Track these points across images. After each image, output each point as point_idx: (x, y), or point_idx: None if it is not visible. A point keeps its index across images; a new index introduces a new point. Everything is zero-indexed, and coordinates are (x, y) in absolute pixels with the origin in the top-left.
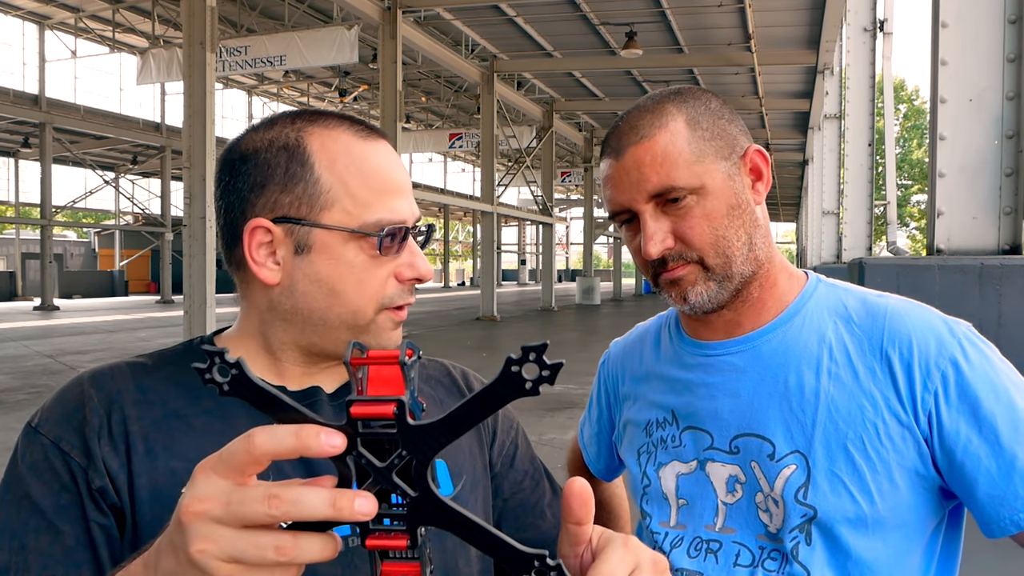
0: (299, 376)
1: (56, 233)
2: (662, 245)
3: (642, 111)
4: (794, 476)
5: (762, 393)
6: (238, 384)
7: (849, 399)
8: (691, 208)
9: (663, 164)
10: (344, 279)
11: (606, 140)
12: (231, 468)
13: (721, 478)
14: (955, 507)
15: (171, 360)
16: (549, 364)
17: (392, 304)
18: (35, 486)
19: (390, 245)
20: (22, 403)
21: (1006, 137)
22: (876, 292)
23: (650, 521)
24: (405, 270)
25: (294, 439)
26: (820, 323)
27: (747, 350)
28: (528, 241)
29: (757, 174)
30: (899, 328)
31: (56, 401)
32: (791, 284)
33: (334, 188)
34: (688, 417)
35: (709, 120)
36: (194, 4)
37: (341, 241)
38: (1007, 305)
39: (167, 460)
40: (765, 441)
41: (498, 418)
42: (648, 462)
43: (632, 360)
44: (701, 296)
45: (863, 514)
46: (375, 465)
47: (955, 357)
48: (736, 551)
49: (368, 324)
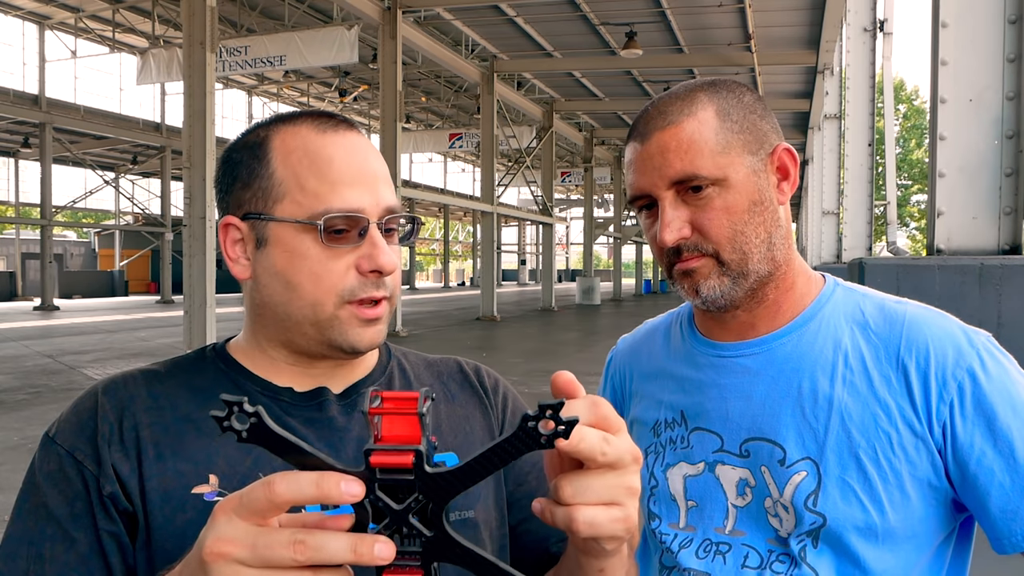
0: (299, 376)
1: (56, 233)
2: (678, 233)
3: (673, 98)
4: (804, 483)
5: (775, 397)
6: (257, 431)
7: (863, 407)
8: (712, 199)
9: (688, 151)
10: (298, 271)
11: (634, 124)
12: (252, 512)
13: (731, 481)
14: (966, 520)
15: (184, 367)
16: (564, 420)
17: (353, 297)
18: (51, 495)
19: (339, 236)
20: (22, 403)
21: (1006, 137)
22: (895, 298)
23: (659, 523)
24: (364, 261)
25: (315, 489)
26: (836, 329)
27: (761, 353)
28: (528, 241)
29: (784, 173)
30: (917, 336)
31: (72, 412)
32: (808, 287)
33: (286, 181)
34: (697, 418)
35: (740, 113)
36: (194, 4)
37: (293, 233)
38: (1007, 305)
39: (176, 462)
40: (776, 446)
41: (508, 410)
42: (656, 462)
43: (640, 357)
44: (714, 290)
45: (873, 524)
46: (392, 508)
47: (972, 368)
48: (745, 553)
49: (330, 319)
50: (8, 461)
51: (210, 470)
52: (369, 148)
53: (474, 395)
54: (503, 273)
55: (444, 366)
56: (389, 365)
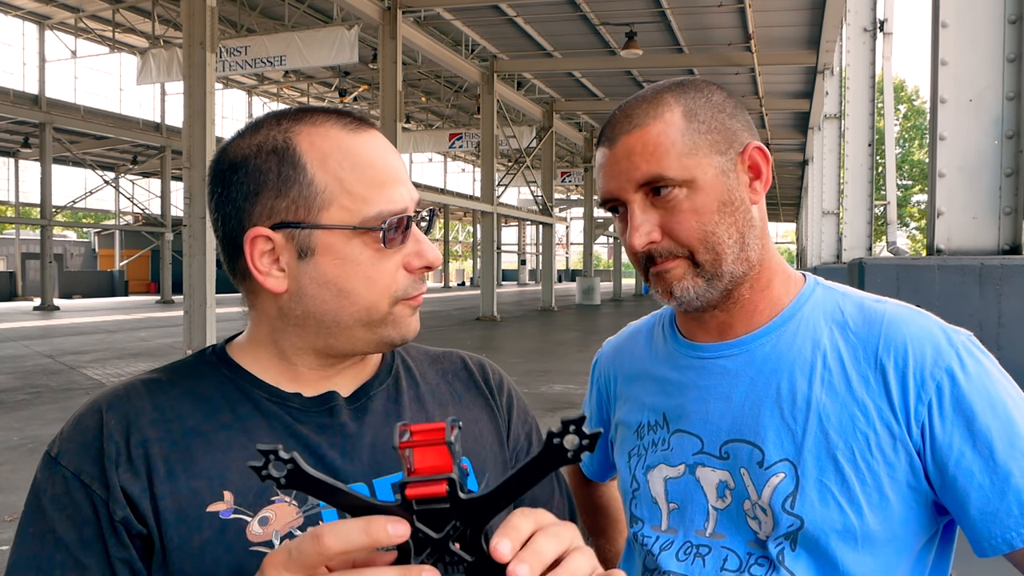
0: (315, 380)
1: (56, 233)
2: (647, 237)
3: (640, 100)
4: (782, 485)
5: (754, 398)
6: (295, 477)
7: (841, 408)
8: (680, 202)
9: (653, 154)
10: (352, 277)
11: (602, 129)
12: (302, 566)
13: (712, 483)
14: (948, 523)
15: (185, 374)
16: (588, 434)
17: (406, 296)
18: (58, 520)
19: (394, 236)
20: (22, 403)
21: (1006, 137)
22: (875, 297)
23: (641, 527)
24: (413, 259)
25: (364, 536)
26: (816, 328)
27: (740, 354)
28: (528, 241)
29: (756, 172)
30: (895, 336)
31: (74, 429)
32: (787, 287)
33: (329, 186)
34: (678, 420)
35: (708, 113)
36: (194, 4)
37: (344, 239)
38: (1007, 305)
39: (188, 480)
40: (755, 448)
41: (513, 410)
42: (637, 465)
43: (624, 359)
44: (687, 292)
45: (852, 526)
46: (432, 538)
47: (951, 367)
48: (724, 556)
49: (383, 318)
50: (8, 461)
51: (224, 486)
52: (390, 145)
53: (480, 395)
54: (503, 273)
55: (448, 362)
56: (394, 364)
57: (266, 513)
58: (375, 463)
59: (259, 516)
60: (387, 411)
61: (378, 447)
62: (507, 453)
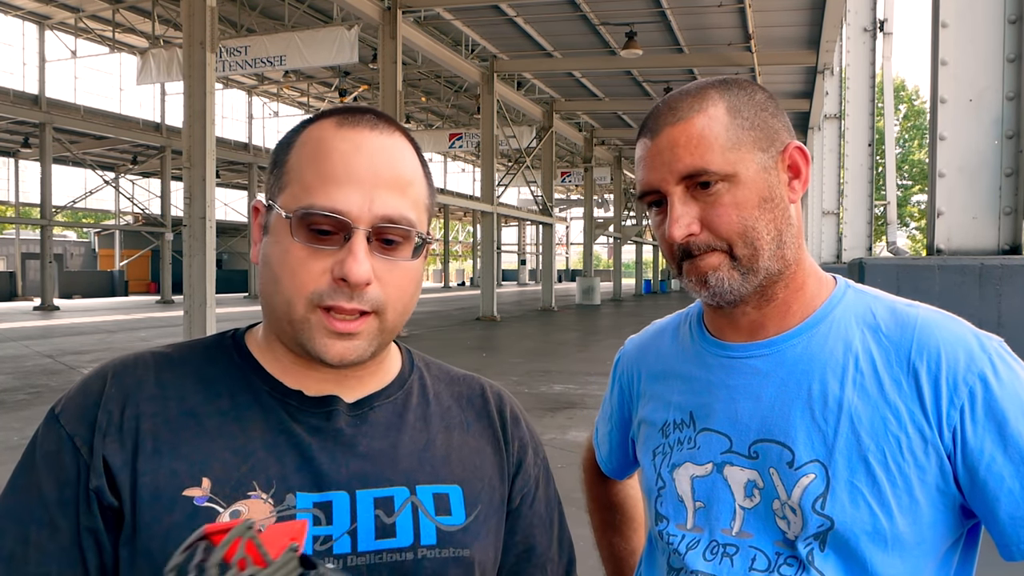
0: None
1: (56, 233)
2: (687, 229)
3: (684, 94)
4: (813, 485)
5: (784, 399)
6: None
7: (873, 411)
8: (721, 195)
9: (697, 146)
10: (281, 264)
11: (644, 121)
12: None
13: (739, 482)
14: (973, 526)
15: (198, 353)
16: None
17: (321, 302)
18: (45, 477)
19: (322, 236)
20: (22, 403)
21: (1006, 137)
22: (906, 301)
23: (666, 525)
24: (336, 266)
25: None
26: (847, 331)
27: (771, 354)
28: (528, 241)
29: (795, 171)
30: (928, 340)
31: (79, 391)
32: (819, 288)
33: (292, 171)
34: (705, 419)
35: (751, 110)
36: (194, 4)
37: (284, 225)
38: (1007, 305)
39: (171, 460)
40: (785, 448)
41: (527, 448)
42: (663, 463)
43: (648, 357)
44: (722, 282)
45: (881, 528)
46: None
47: (984, 373)
48: (752, 555)
49: (301, 321)
50: (8, 461)
51: (204, 472)
52: (385, 150)
53: (489, 427)
54: (503, 273)
55: (467, 386)
56: (409, 380)
57: (239, 507)
58: (362, 474)
59: (232, 508)
60: (388, 424)
61: (369, 458)
62: (505, 489)
